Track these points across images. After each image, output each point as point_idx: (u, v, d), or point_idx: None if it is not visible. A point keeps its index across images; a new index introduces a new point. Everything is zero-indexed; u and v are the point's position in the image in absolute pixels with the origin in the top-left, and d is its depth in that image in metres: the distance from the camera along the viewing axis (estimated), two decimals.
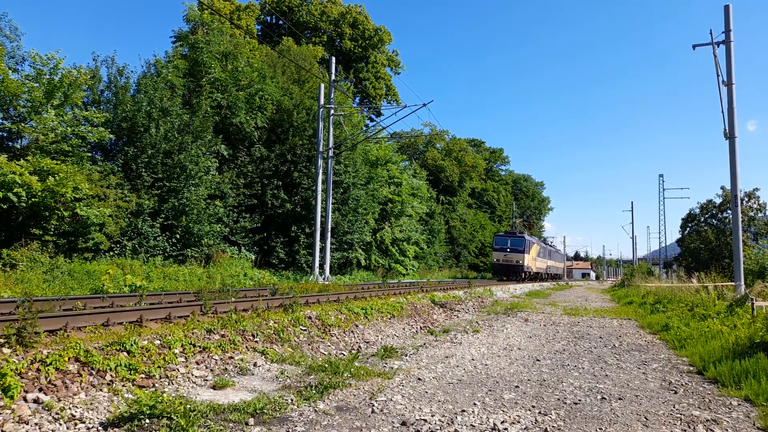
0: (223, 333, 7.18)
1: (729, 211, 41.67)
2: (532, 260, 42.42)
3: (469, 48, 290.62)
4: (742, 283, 15.68)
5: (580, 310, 18.27)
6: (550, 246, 59.71)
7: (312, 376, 6.34)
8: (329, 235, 23.10)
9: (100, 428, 4.21)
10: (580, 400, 5.76)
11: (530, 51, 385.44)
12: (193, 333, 6.79)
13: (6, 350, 4.95)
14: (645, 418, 5.16)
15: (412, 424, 4.69)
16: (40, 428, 4.04)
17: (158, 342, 6.14)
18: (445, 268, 49.42)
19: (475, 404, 5.44)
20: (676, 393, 6.26)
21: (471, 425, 4.74)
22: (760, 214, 44.77)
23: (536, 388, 6.27)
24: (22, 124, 16.18)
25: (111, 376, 5.18)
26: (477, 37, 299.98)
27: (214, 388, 5.57)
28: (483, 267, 58.82)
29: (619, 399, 5.88)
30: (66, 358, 5.01)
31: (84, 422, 4.27)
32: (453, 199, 56.32)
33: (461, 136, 66.74)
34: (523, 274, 39.94)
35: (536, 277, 46.92)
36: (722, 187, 46.33)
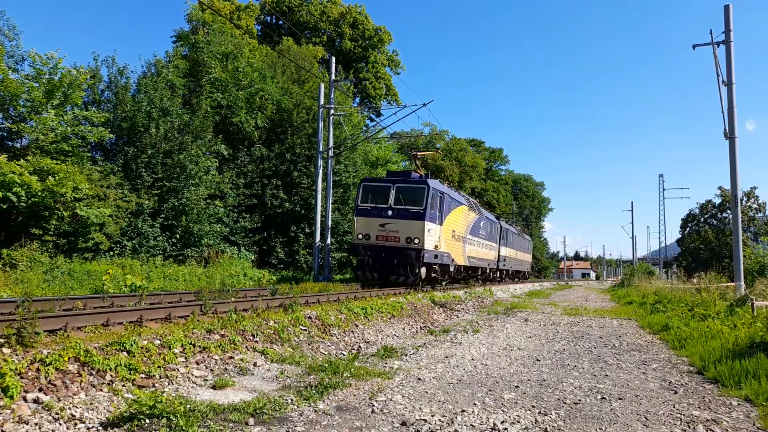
0: (223, 333, 7.18)
1: (728, 212, 41.70)
2: (450, 241, 19.75)
3: (469, 48, 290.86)
4: (743, 282, 15.69)
5: (580, 310, 18.26)
6: (508, 224, 36.60)
7: (312, 376, 6.33)
8: (329, 234, 23.10)
9: (100, 428, 4.21)
10: (580, 400, 5.76)
11: (530, 51, 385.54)
12: (193, 333, 6.79)
13: (6, 350, 4.94)
14: (645, 418, 5.16)
15: (412, 424, 4.69)
16: (39, 428, 4.04)
17: (158, 342, 6.13)
18: None
19: (475, 404, 5.44)
20: (676, 393, 6.26)
21: (471, 425, 4.73)
22: (759, 214, 44.77)
23: (536, 388, 6.27)
24: (22, 124, 16.18)
25: (111, 376, 5.18)
26: (477, 37, 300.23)
27: (214, 388, 5.57)
28: None
29: (619, 399, 5.88)
30: (66, 358, 5.00)
31: (84, 422, 4.27)
32: None
33: (461, 136, 66.75)
34: (425, 272, 17.66)
35: (468, 276, 25.21)
36: (720, 188, 46.42)
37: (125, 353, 5.58)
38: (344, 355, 8.09)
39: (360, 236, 17.63)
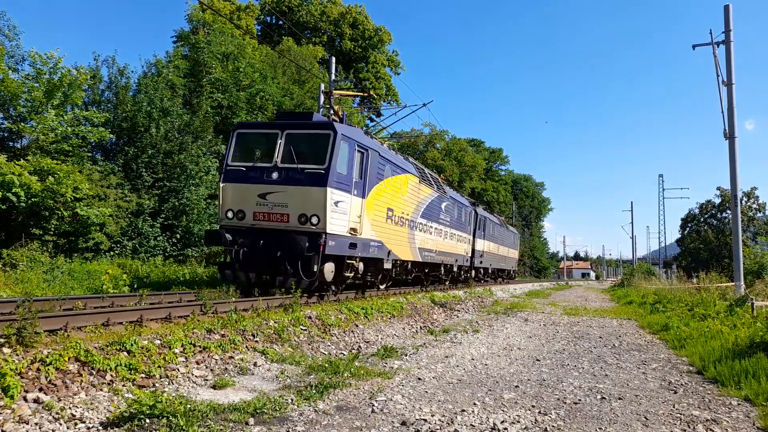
0: (223, 333, 7.18)
1: (728, 212, 41.72)
2: (384, 224, 13.34)
3: (469, 49, 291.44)
4: (742, 282, 15.70)
5: (580, 310, 18.27)
6: (487, 212, 31.11)
7: (312, 376, 6.34)
8: None
9: (100, 428, 4.21)
10: (579, 400, 5.76)
11: (531, 54, 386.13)
12: (193, 333, 6.79)
13: (6, 350, 4.95)
14: (645, 417, 5.17)
15: (412, 424, 4.69)
16: (40, 428, 4.05)
17: (158, 342, 6.13)
18: None
19: (474, 404, 5.44)
20: (675, 393, 6.27)
21: (471, 425, 4.74)
22: (759, 214, 44.79)
23: (536, 388, 6.27)
24: (22, 124, 16.19)
25: (111, 375, 5.18)
26: (477, 38, 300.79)
27: (214, 387, 5.57)
28: None
29: (619, 399, 5.88)
30: (66, 358, 5.01)
31: (84, 422, 4.27)
32: None
33: (461, 136, 66.74)
34: (332, 270, 11.39)
35: (425, 277, 19.30)
36: (719, 188, 46.45)
37: (125, 353, 5.59)
38: (344, 354, 8.10)
39: (229, 214, 11.31)
